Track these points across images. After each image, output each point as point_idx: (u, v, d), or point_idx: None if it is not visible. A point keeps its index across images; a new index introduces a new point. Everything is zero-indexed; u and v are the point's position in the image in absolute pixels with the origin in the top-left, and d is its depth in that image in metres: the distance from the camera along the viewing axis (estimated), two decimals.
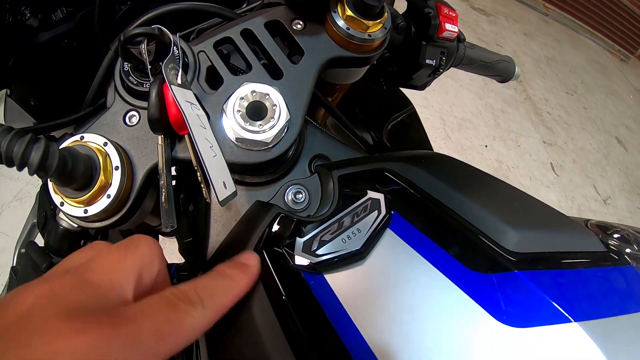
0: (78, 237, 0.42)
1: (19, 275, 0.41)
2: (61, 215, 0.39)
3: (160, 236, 0.72)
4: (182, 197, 0.49)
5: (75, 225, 0.39)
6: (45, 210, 0.41)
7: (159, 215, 0.41)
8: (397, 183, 0.33)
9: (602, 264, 0.34)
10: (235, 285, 0.28)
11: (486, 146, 2.83)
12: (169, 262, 0.74)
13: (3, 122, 0.34)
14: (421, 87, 0.56)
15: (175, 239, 0.62)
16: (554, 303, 0.27)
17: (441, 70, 0.52)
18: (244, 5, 0.48)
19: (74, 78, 0.51)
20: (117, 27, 0.48)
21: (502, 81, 0.72)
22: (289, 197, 0.37)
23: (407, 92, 0.80)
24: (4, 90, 0.49)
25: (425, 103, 2.80)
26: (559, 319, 0.27)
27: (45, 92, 0.53)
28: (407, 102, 0.78)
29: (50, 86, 0.53)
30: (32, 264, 0.39)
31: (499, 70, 0.69)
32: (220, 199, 0.30)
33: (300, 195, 0.37)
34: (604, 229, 0.48)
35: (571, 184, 2.99)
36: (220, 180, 0.31)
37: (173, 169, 0.54)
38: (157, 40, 0.35)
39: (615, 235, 0.47)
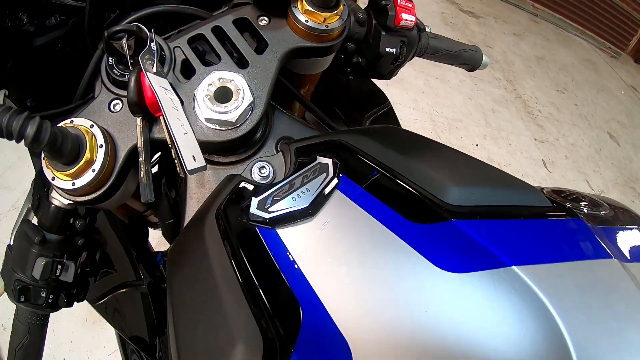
0: (68, 215, 0.46)
1: (13, 248, 0.45)
2: (53, 194, 0.44)
3: (149, 229, 0.77)
4: (163, 182, 0.53)
5: (66, 203, 0.44)
6: (39, 193, 0.46)
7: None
8: (349, 151, 0.38)
9: (546, 215, 0.35)
10: None
11: (477, 145, 2.87)
12: (155, 250, 0.78)
13: None
14: (388, 76, 0.61)
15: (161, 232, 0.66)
16: (488, 248, 0.30)
17: (402, 59, 0.56)
18: (224, 7, 0.53)
19: (66, 80, 0.55)
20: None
21: (471, 70, 0.76)
22: (254, 171, 0.41)
23: (392, 93, 0.84)
24: (4, 92, 0.54)
25: (415, 105, 2.84)
26: (495, 264, 0.29)
27: (40, 92, 0.58)
28: (383, 98, 0.82)
29: (44, 87, 0.58)
30: (26, 238, 0.43)
31: (465, 59, 0.73)
32: (188, 169, 0.34)
33: (265, 170, 0.41)
34: (559, 193, 0.48)
35: (563, 179, 3.01)
36: (190, 153, 0.36)
37: (157, 155, 0.58)
38: (136, 36, 0.40)
39: (570, 197, 0.46)
